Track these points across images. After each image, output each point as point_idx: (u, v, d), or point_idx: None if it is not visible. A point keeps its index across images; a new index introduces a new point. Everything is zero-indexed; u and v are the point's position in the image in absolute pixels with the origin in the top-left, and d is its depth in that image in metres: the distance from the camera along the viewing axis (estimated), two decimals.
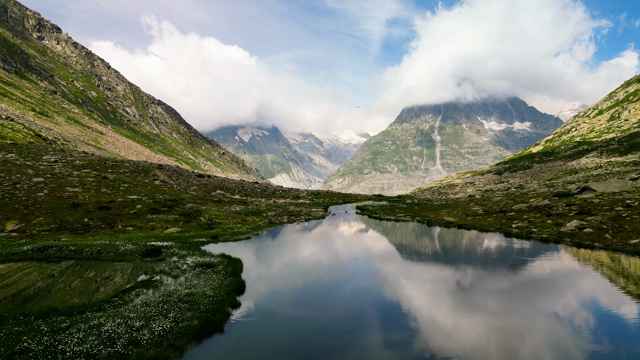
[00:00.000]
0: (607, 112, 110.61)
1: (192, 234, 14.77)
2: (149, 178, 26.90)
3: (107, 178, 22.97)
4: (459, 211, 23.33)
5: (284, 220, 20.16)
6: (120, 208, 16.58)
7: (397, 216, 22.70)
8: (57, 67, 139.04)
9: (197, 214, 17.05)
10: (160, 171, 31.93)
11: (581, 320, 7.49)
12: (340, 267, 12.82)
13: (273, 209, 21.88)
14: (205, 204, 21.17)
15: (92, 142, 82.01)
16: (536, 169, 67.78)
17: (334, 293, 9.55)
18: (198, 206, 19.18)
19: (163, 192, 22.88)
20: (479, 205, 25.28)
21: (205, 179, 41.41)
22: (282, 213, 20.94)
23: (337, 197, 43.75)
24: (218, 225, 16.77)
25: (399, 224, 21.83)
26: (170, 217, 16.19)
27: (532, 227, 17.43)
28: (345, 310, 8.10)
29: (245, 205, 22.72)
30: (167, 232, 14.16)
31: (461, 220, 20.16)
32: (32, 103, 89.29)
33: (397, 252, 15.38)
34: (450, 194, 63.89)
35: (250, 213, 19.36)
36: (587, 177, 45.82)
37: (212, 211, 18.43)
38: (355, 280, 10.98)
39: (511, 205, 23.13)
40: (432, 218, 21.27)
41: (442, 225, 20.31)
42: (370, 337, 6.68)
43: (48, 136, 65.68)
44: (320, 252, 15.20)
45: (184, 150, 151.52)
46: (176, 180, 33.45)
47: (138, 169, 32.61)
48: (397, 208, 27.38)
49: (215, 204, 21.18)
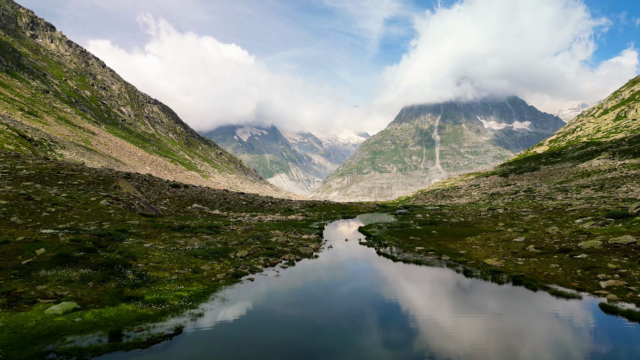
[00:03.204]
0: (612, 112, 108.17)
1: (88, 316, 8.02)
2: (104, 193, 21.44)
3: (31, 199, 17.39)
4: (494, 241, 17.18)
5: (258, 264, 13.08)
6: (10, 255, 10.62)
7: (414, 250, 16.52)
8: (50, 65, 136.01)
9: (125, 262, 11.13)
10: (126, 182, 27.06)
11: None
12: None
13: (249, 241, 16.26)
14: (157, 235, 15.82)
15: (82, 142, 79.14)
16: (544, 170, 65.15)
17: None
18: (140, 244, 13.68)
19: (105, 218, 17.99)
20: (517, 232, 19.10)
21: (181, 189, 36.90)
22: (258, 250, 14.79)
23: (335, 210, 38.38)
24: (151, 285, 10.19)
25: (423, 273, 13.15)
26: (76, 275, 10.55)
27: (631, 286, 10.37)
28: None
29: (214, 234, 17.56)
30: (50, 311, 7.94)
31: (510, 265, 13.08)
32: (21, 102, 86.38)
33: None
34: (455, 197, 61.25)
35: (212, 254, 13.70)
36: (603, 181, 43.19)
37: (156, 253, 12.81)
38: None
39: (571, 239, 15.67)
40: (465, 256, 14.91)
41: (487, 274, 12.32)
42: None
43: (34, 137, 62.83)
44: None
45: (180, 150, 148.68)
46: (146, 192, 29.62)
47: (99, 179, 28.19)
48: (410, 229, 21.92)
49: (170, 236, 15.82)
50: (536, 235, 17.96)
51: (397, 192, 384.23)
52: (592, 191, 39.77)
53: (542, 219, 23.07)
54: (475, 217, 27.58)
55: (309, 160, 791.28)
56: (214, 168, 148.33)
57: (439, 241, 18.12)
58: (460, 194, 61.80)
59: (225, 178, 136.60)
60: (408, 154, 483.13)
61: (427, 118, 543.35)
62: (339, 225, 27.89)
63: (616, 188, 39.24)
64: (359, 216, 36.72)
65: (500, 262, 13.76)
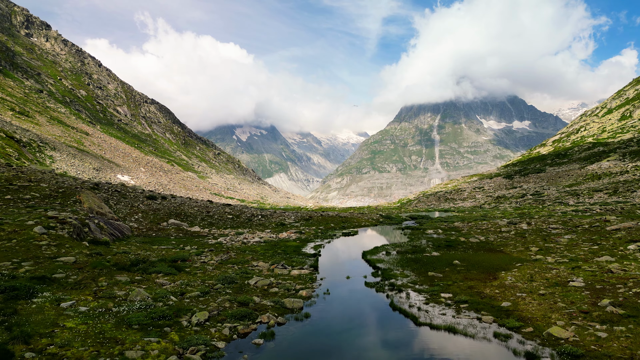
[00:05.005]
0: (616, 111, 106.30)
1: None
2: (52, 213, 16.96)
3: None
4: (541, 282, 13.31)
5: (220, 340, 9.16)
6: None
7: (439, 298, 12.41)
8: (45, 65, 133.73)
9: (6, 351, 7.01)
10: (92, 194, 23.20)
11: None
12: None
13: (218, 289, 12.79)
14: (90, 283, 11.49)
15: (75, 143, 76.95)
16: (550, 172, 63.12)
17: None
18: (56, 303, 9.72)
19: (30, 254, 12.91)
20: (562, 263, 15.47)
21: (157, 201, 32.78)
22: (226, 308, 11.06)
23: (334, 223, 33.94)
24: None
25: (462, 354, 9.05)
26: None
27: None
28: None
29: (175, 273, 13.90)
30: None
31: (588, 338, 8.94)
32: (12, 102, 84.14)
33: None
34: (459, 200, 59.23)
35: (155, 319, 9.59)
36: (616, 184, 41.18)
37: (70, 324, 8.60)
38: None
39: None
40: (514, 315, 10.87)
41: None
42: None
43: (22, 138, 60.68)
44: None
45: (177, 150, 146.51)
46: (115, 205, 26.35)
47: (58, 191, 24.88)
48: (425, 257, 17.82)
49: (110, 284, 11.78)
50: (595, 274, 13.56)
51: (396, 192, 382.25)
52: (606, 195, 37.77)
53: (583, 242, 19.51)
54: (497, 236, 23.90)
55: (308, 160, 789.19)
56: (211, 168, 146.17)
57: (467, 279, 14.30)
58: (464, 197, 59.78)
59: (222, 179, 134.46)
60: (407, 153, 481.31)
61: (426, 117, 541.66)
62: (339, 248, 23.70)
63: (631, 192, 37.24)
64: (362, 231, 32.34)
65: (571, 330, 9.34)
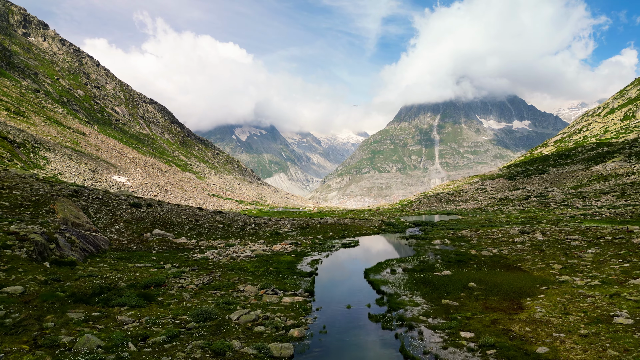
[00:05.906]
0: (619, 111, 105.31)
1: None
2: (15, 227, 14.85)
3: None
4: (579, 317, 10.41)
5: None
6: None
7: (459, 340, 9.79)
8: (42, 64, 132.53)
9: None
10: (69, 202, 20.72)
11: None
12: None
13: (190, 329, 9.38)
14: (31, 326, 8.25)
15: (71, 144, 75.82)
16: (554, 173, 62.10)
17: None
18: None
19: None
20: (596, 288, 13.14)
21: (142, 209, 30.01)
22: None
23: (333, 231, 31.73)
24: None
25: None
26: None
27: None
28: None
29: (143, 304, 10.85)
30: None
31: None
32: (8, 102, 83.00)
33: None
34: (461, 202, 58.17)
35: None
36: (623, 187, 40.15)
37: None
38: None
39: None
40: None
41: None
42: None
43: (16, 138, 59.58)
44: None
45: (176, 151, 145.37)
46: (95, 214, 24.08)
47: (31, 199, 22.96)
48: (437, 278, 15.70)
49: (57, 325, 8.57)
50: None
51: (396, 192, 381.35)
52: (614, 198, 36.74)
53: (609, 257, 17.64)
54: (511, 248, 22.21)
55: (308, 160, 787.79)
56: (210, 169, 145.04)
57: (488, 309, 11.84)
58: (466, 199, 58.72)
59: (221, 179, 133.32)
60: (407, 153, 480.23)
61: (426, 117, 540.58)
62: (338, 264, 21.92)
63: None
64: (363, 241, 30.11)
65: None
